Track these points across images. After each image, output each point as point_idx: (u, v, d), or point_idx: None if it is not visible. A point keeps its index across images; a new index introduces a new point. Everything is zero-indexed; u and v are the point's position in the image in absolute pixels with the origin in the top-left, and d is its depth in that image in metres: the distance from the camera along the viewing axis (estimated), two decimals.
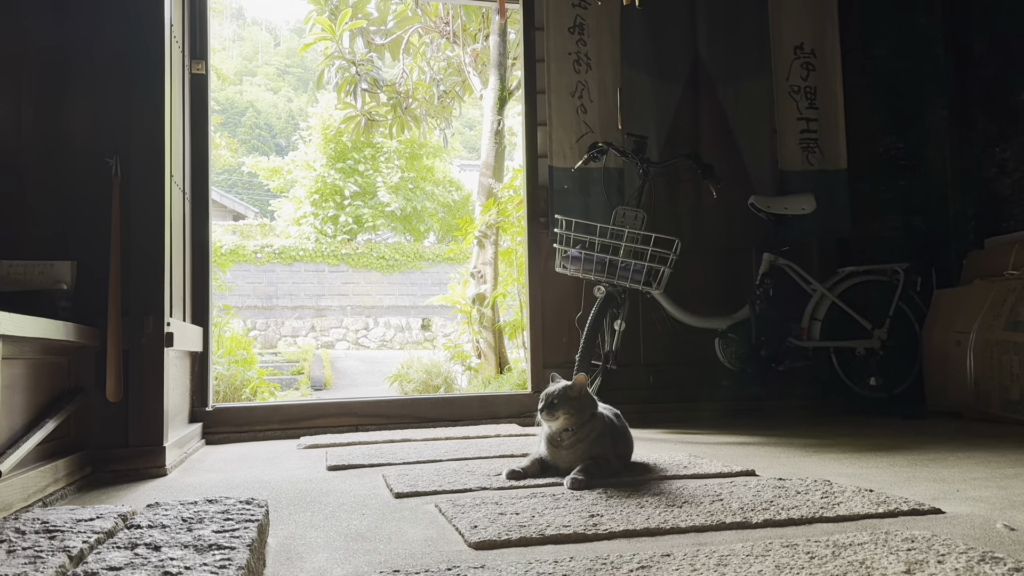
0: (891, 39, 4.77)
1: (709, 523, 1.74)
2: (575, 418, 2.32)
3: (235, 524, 1.52)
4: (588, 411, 2.36)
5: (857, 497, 1.95)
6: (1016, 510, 1.84)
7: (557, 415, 2.30)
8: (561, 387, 2.35)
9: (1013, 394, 3.59)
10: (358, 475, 2.61)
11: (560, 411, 2.30)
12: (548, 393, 2.35)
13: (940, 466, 2.50)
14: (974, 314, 3.90)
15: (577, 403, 2.33)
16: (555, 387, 2.36)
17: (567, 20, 4.23)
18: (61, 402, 2.51)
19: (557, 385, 2.38)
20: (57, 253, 2.76)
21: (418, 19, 8.47)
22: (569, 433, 2.35)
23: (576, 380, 2.36)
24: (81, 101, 2.90)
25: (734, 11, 4.45)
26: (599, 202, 4.12)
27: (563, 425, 2.33)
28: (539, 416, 2.36)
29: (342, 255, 17.81)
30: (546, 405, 2.32)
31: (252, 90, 36.00)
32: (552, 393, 2.33)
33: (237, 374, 6.39)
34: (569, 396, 2.33)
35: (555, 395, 2.32)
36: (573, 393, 2.33)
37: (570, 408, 2.31)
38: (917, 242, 4.66)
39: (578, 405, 2.33)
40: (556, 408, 2.30)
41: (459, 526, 1.78)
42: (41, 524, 1.50)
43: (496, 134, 7.80)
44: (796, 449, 2.98)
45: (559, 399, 2.31)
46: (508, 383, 6.67)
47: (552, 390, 2.35)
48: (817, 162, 4.46)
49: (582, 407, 2.34)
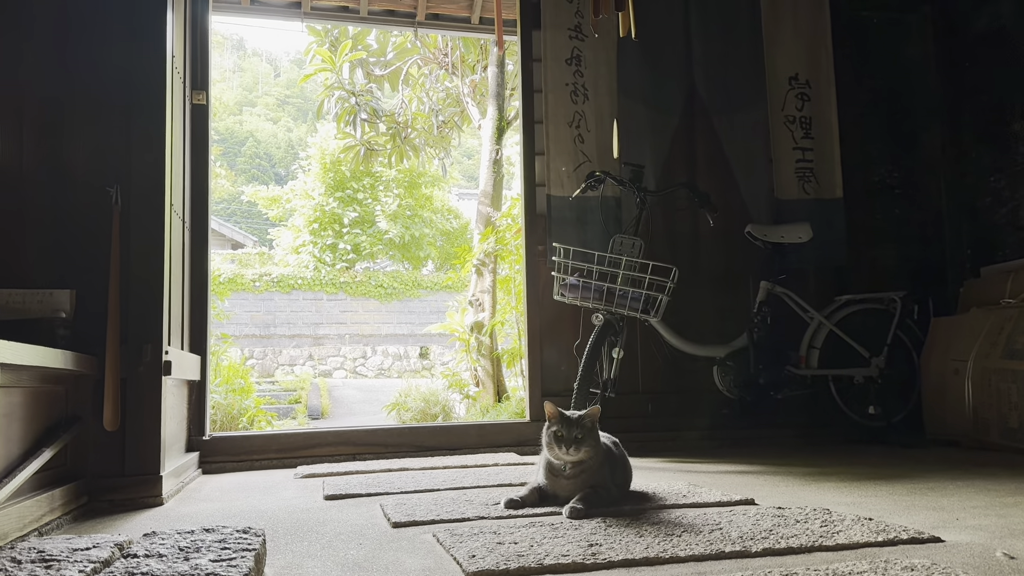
0: (885, 69, 4.83)
1: (708, 552, 1.74)
2: (594, 451, 2.31)
3: (232, 553, 1.52)
4: (599, 442, 2.36)
5: (856, 526, 1.95)
6: (1016, 539, 1.84)
7: (582, 448, 2.28)
8: (579, 418, 2.32)
9: (1012, 422, 3.58)
10: (355, 504, 2.60)
11: (585, 445, 2.28)
12: (571, 426, 2.29)
13: (939, 495, 2.50)
14: (971, 342, 3.91)
15: (593, 433, 2.32)
16: (574, 418, 2.32)
17: (564, 52, 4.29)
18: (58, 431, 2.50)
19: (574, 415, 2.33)
20: (56, 282, 2.77)
21: (417, 51, 8.57)
22: (573, 464, 2.33)
23: (591, 411, 2.34)
24: (83, 130, 2.92)
25: (729, 42, 4.51)
26: (597, 230, 4.14)
27: (584, 458, 2.31)
28: (547, 445, 2.33)
29: (340, 283, 17.82)
30: (569, 438, 2.27)
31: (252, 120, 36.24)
32: (573, 423, 2.29)
33: (234, 403, 6.37)
34: (586, 427, 2.31)
35: (576, 425, 2.28)
36: (588, 423, 2.32)
37: (591, 441, 2.30)
38: (914, 270, 4.68)
39: (594, 436, 2.33)
40: (582, 443, 2.27)
41: (457, 556, 1.77)
42: (38, 554, 1.49)
43: (494, 163, 7.85)
44: (795, 477, 2.97)
45: (584, 432, 2.28)
46: (506, 411, 6.65)
47: (574, 421, 2.30)
48: (813, 191, 4.49)
49: (596, 438, 2.34)
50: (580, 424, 2.30)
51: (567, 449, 2.28)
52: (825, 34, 4.62)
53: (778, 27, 4.56)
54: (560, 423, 2.31)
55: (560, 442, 2.29)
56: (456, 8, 5.17)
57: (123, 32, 2.95)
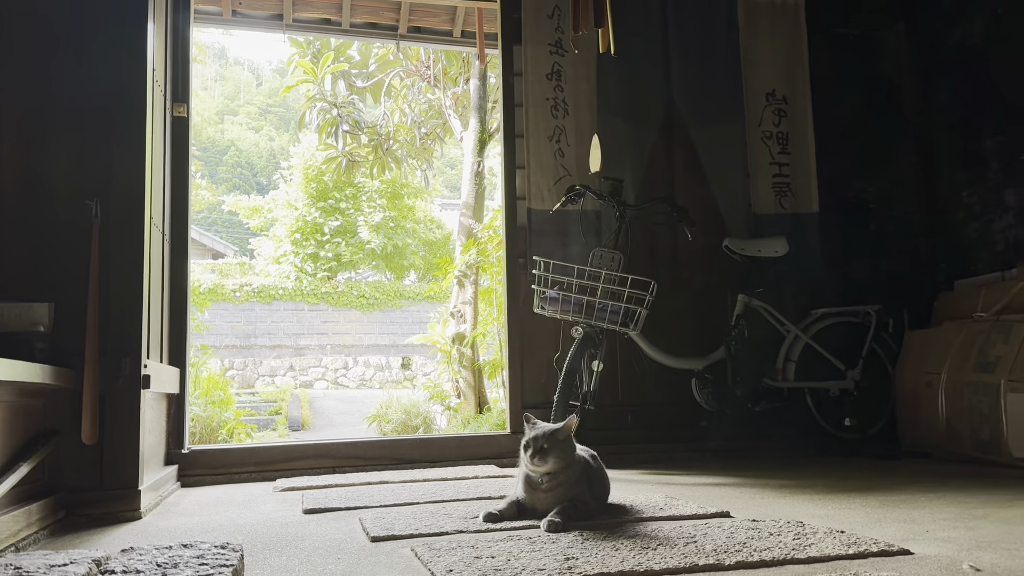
0: (860, 86, 4.91)
1: (682, 565, 1.76)
2: (564, 462, 2.33)
3: (210, 569, 1.52)
4: (572, 454, 2.38)
5: (828, 538, 1.98)
6: (983, 551, 1.88)
7: (548, 460, 2.31)
8: (550, 431, 2.35)
9: (983, 434, 3.64)
10: (335, 518, 2.60)
11: (551, 456, 2.31)
12: (535, 437, 2.33)
13: (911, 507, 2.54)
14: (944, 355, 3.97)
15: (565, 446, 2.35)
16: (543, 430, 2.35)
17: (545, 67, 4.33)
18: (35, 445, 2.49)
19: (545, 428, 2.37)
20: (35, 295, 2.76)
21: (399, 63, 8.60)
22: (549, 476, 2.36)
23: (568, 423, 2.37)
24: (62, 143, 2.91)
25: (708, 60, 4.57)
26: (576, 244, 4.17)
27: (551, 469, 2.33)
28: (523, 458, 2.36)
29: (322, 293, 17.78)
30: (536, 450, 2.31)
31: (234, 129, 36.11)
32: (541, 437, 2.33)
33: (214, 415, 6.35)
34: (557, 439, 2.33)
35: (545, 438, 2.32)
36: (561, 436, 2.34)
37: (560, 453, 2.32)
38: (889, 284, 4.75)
39: (566, 448, 2.35)
40: (548, 454, 2.30)
41: (434, 570, 1.78)
42: (15, 570, 1.49)
43: (476, 175, 7.89)
44: (771, 490, 3.00)
45: (551, 443, 2.31)
46: (487, 423, 6.66)
47: (540, 433, 2.34)
48: (789, 206, 4.55)
49: (569, 450, 2.36)
50: (549, 436, 2.32)
51: (532, 459, 2.31)
52: (802, 51, 4.69)
53: (755, 44, 4.63)
54: (529, 433, 2.34)
55: (526, 450, 2.32)
56: (438, 22, 5.21)
57: (104, 45, 2.95)
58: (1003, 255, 4.39)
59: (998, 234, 4.44)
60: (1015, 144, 4.34)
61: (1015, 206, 4.34)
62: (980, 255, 4.54)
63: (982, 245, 4.53)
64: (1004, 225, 4.40)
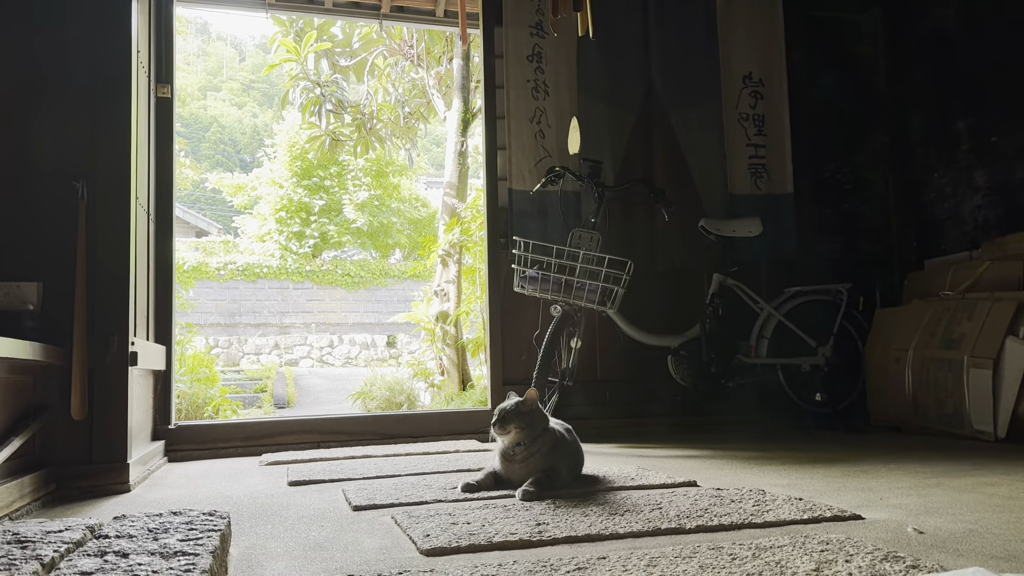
0: (836, 69, 5.00)
1: (646, 529, 1.87)
2: (526, 432, 2.45)
3: (199, 533, 1.61)
4: (539, 426, 2.49)
5: (787, 505, 2.09)
6: (930, 515, 2.00)
7: (508, 429, 2.43)
8: (513, 403, 2.48)
9: (947, 408, 3.78)
10: (318, 490, 2.70)
11: (511, 425, 2.42)
12: (501, 408, 2.47)
13: (871, 477, 2.66)
14: (912, 333, 4.10)
15: (528, 418, 2.46)
16: (508, 403, 2.49)
17: (525, 49, 4.39)
18: (26, 420, 2.57)
19: (510, 401, 2.50)
20: (24, 274, 2.82)
21: (383, 41, 8.60)
22: (522, 447, 2.47)
23: (527, 395, 2.49)
24: (49, 124, 2.96)
25: (686, 42, 4.64)
26: (556, 224, 4.26)
27: (514, 439, 2.46)
28: (492, 430, 2.48)
29: (307, 272, 17.79)
30: (498, 420, 2.45)
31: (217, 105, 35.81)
32: (504, 408, 2.46)
33: (199, 392, 6.41)
34: (520, 411, 2.45)
35: (507, 410, 2.45)
36: (524, 408, 2.46)
37: (521, 422, 2.44)
38: (862, 263, 4.87)
39: (529, 420, 2.46)
40: (507, 422, 2.43)
41: (412, 535, 1.88)
42: (12, 535, 1.58)
43: (460, 155, 7.94)
44: (739, 462, 3.12)
45: (510, 414, 2.44)
46: (470, 400, 6.77)
47: (505, 405, 2.48)
48: (765, 186, 4.65)
49: (533, 422, 2.46)
50: (512, 407, 2.46)
51: (494, 427, 2.46)
52: (778, 34, 4.77)
53: (733, 27, 4.71)
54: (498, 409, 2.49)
55: (493, 425, 2.48)
56: (421, 1, 5.24)
57: (89, 26, 2.99)
58: (972, 235, 4.52)
59: (968, 214, 4.56)
60: (985, 126, 4.45)
61: (984, 187, 4.45)
62: (950, 235, 4.66)
63: (952, 225, 4.65)
64: (974, 206, 4.52)
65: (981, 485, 2.42)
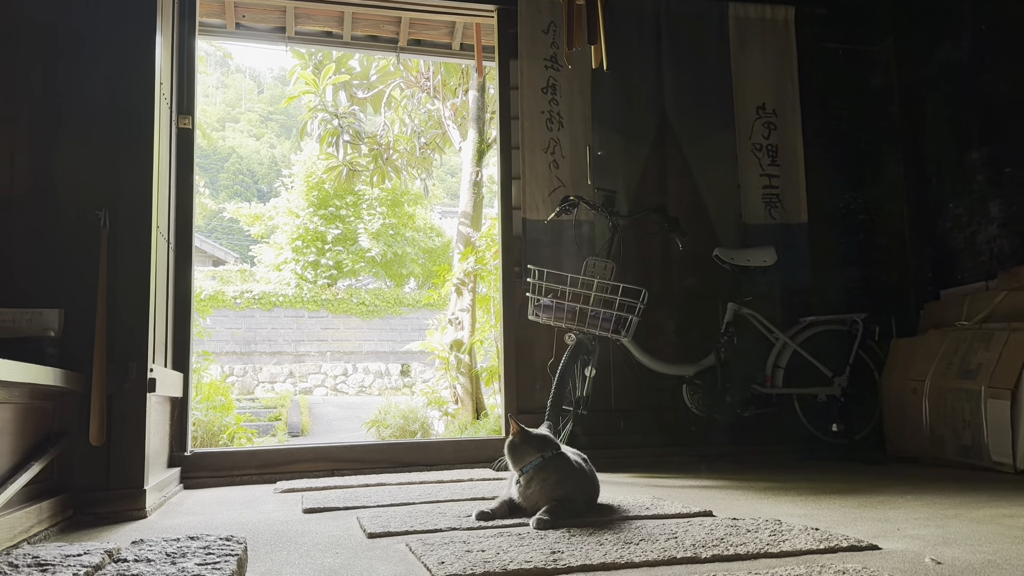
0: (849, 99, 5.02)
1: (661, 558, 1.86)
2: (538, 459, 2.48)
3: (216, 558, 1.63)
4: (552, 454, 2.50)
5: (803, 535, 2.08)
6: (948, 546, 1.98)
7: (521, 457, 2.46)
8: (528, 433, 2.50)
9: (965, 439, 3.74)
10: (333, 517, 2.70)
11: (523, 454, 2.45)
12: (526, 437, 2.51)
13: (888, 507, 2.64)
14: (928, 363, 4.07)
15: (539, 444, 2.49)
16: (524, 433, 2.50)
17: (540, 81, 4.45)
18: (46, 445, 2.59)
19: (526, 432, 2.52)
20: (46, 301, 2.87)
21: (400, 74, 8.73)
22: (536, 476, 2.47)
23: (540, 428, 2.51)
24: (72, 155, 3.03)
25: (699, 74, 4.69)
26: (570, 253, 4.28)
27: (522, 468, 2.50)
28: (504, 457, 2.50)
29: (322, 300, 17.87)
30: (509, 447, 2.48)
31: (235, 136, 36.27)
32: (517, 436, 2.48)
33: (215, 420, 6.44)
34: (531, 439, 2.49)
35: (517, 437, 2.47)
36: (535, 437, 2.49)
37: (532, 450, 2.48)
38: (877, 293, 4.85)
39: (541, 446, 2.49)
40: (518, 451, 2.46)
41: (427, 562, 1.88)
42: (33, 559, 1.59)
43: (475, 185, 8.01)
44: (755, 492, 3.10)
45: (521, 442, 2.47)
46: (484, 428, 6.76)
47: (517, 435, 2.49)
48: (779, 216, 4.66)
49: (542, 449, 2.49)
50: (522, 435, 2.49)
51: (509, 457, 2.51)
52: (792, 65, 4.81)
53: (746, 58, 4.75)
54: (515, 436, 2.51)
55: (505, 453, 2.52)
56: (437, 35, 5.33)
57: (113, 58, 3.07)
58: (988, 265, 4.50)
59: (983, 244, 4.54)
60: (1000, 156, 4.45)
61: (999, 217, 4.44)
62: (966, 265, 4.64)
63: (968, 255, 4.64)
64: (989, 236, 4.51)
65: (1000, 516, 2.39)
